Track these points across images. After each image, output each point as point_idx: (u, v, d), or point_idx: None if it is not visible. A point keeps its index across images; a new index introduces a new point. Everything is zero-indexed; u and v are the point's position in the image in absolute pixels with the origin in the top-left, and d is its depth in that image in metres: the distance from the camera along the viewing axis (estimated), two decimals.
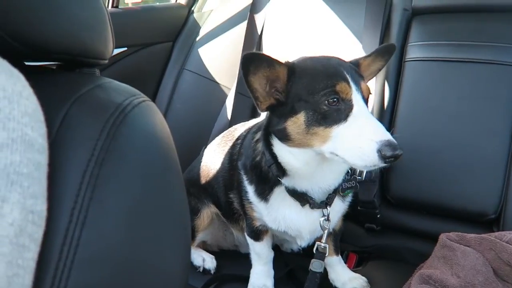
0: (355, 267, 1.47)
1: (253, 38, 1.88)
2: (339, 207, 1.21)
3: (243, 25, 1.92)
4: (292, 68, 1.02)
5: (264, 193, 1.18)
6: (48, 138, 0.46)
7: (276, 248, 1.48)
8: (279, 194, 1.16)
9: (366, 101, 1.00)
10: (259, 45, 1.90)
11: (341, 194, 1.18)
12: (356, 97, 0.97)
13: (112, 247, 0.46)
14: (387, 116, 1.58)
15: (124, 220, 0.48)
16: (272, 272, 1.37)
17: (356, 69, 1.05)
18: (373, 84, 1.57)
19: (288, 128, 1.02)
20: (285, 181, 1.12)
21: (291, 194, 1.13)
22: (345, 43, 1.70)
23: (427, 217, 1.48)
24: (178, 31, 2.09)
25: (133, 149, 0.52)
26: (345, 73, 0.98)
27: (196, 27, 2.11)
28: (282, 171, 1.10)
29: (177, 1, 2.16)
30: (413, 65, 1.55)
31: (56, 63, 0.68)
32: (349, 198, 1.24)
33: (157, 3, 2.13)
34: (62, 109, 0.50)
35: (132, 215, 0.50)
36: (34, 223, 0.40)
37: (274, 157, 1.10)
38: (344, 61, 1.06)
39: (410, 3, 1.65)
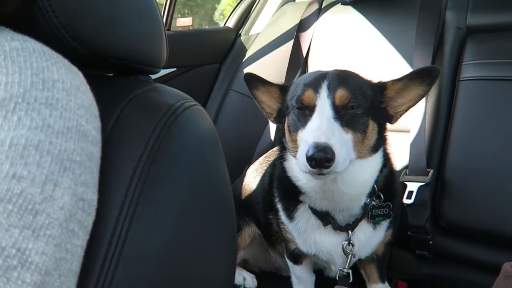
0: None
1: (298, 58, 1.89)
2: (370, 234, 1.14)
3: (289, 45, 1.94)
4: (283, 87, 1.12)
5: (289, 209, 1.16)
6: (103, 134, 0.48)
7: (320, 272, 1.43)
8: (303, 213, 1.14)
9: (338, 108, 0.95)
10: (305, 64, 1.91)
11: (371, 221, 1.11)
12: (321, 104, 0.95)
13: (159, 245, 0.46)
14: (440, 137, 1.50)
15: (172, 219, 0.48)
16: None
17: (345, 77, 1.00)
18: (423, 104, 1.51)
19: (285, 135, 1.09)
20: (303, 198, 1.10)
21: (314, 212, 1.10)
22: (394, 65, 1.66)
23: (486, 246, 1.36)
24: (226, 53, 2.15)
25: (183, 149, 0.52)
26: (320, 81, 0.98)
27: (243, 49, 2.16)
28: (296, 188, 1.09)
29: (225, 25, 2.24)
30: (468, 84, 1.48)
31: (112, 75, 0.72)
32: (383, 227, 1.16)
33: (207, 27, 2.21)
34: (117, 108, 0.52)
35: (180, 215, 0.49)
36: (84, 211, 0.41)
37: (284, 170, 1.11)
38: (341, 72, 1.03)
39: (465, 21, 1.59)
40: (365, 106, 0.98)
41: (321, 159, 0.85)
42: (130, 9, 0.62)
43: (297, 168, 1.05)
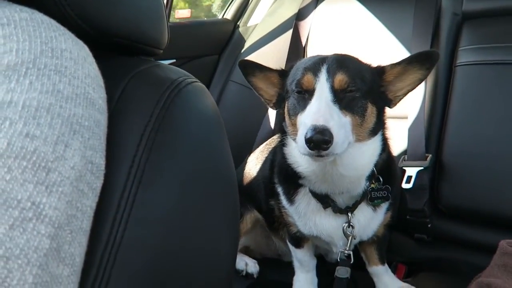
0: (404, 279, 1.40)
1: (298, 47, 1.90)
2: (370, 216, 1.15)
3: (288, 35, 1.96)
4: (283, 72, 1.13)
5: (289, 193, 1.18)
6: (110, 106, 0.50)
7: (321, 257, 1.45)
8: (303, 196, 1.16)
9: (336, 91, 0.96)
10: (304, 53, 1.92)
11: (370, 203, 1.13)
12: (320, 87, 0.96)
13: (165, 209, 0.48)
14: (438, 122, 1.52)
15: (176, 186, 0.50)
16: (315, 280, 1.35)
17: (344, 61, 1.01)
18: (421, 90, 1.53)
19: (284, 119, 1.10)
20: (303, 182, 1.11)
21: (314, 195, 1.12)
22: (393, 52, 1.68)
23: (484, 227, 1.39)
24: (224, 44, 2.17)
25: (186, 120, 0.54)
26: (320, 65, 0.99)
27: (241, 41, 2.17)
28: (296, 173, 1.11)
29: (224, 17, 2.25)
30: (464, 69, 1.50)
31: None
32: (382, 210, 1.17)
33: (205, 18, 2.22)
34: (123, 81, 0.53)
35: (184, 182, 0.51)
36: (93, 173, 0.43)
37: (284, 156, 1.12)
38: (340, 56, 1.04)
39: (460, 7, 1.61)
40: (364, 89, 0.99)
41: (319, 141, 0.87)
42: None
43: (297, 152, 1.07)
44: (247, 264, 1.44)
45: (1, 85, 0.38)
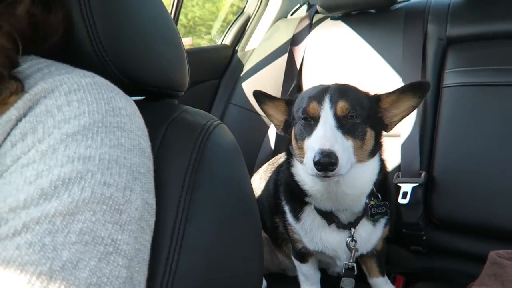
0: None
1: (293, 70, 2.00)
2: (371, 230, 1.25)
3: (283, 59, 2.06)
4: (289, 100, 1.24)
5: (296, 211, 1.27)
6: (153, 151, 0.59)
7: (323, 270, 1.53)
8: (309, 213, 1.24)
9: (339, 118, 1.06)
10: (299, 77, 2.03)
11: (371, 219, 1.22)
12: (325, 114, 1.07)
13: (208, 240, 0.57)
14: (428, 140, 1.62)
15: (216, 219, 0.59)
16: None
17: (345, 91, 1.11)
18: (415, 112, 1.62)
19: (291, 143, 1.19)
20: (309, 200, 1.20)
21: (318, 212, 1.21)
22: (383, 75, 1.78)
23: (476, 238, 1.48)
24: (224, 69, 2.26)
25: (218, 160, 0.63)
26: (323, 94, 1.10)
27: (240, 65, 2.27)
28: (303, 191, 1.20)
29: (222, 42, 2.36)
30: (451, 90, 1.61)
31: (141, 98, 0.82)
32: (381, 224, 1.27)
33: (205, 45, 2.32)
34: (161, 129, 0.63)
35: (221, 216, 0.60)
36: (149, 213, 0.51)
37: (291, 175, 1.21)
38: (341, 86, 1.14)
39: (445, 32, 1.72)
40: (363, 115, 1.10)
41: (326, 163, 0.97)
42: (159, 40, 0.73)
43: (303, 172, 1.17)
44: None
45: (81, 142, 0.46)
